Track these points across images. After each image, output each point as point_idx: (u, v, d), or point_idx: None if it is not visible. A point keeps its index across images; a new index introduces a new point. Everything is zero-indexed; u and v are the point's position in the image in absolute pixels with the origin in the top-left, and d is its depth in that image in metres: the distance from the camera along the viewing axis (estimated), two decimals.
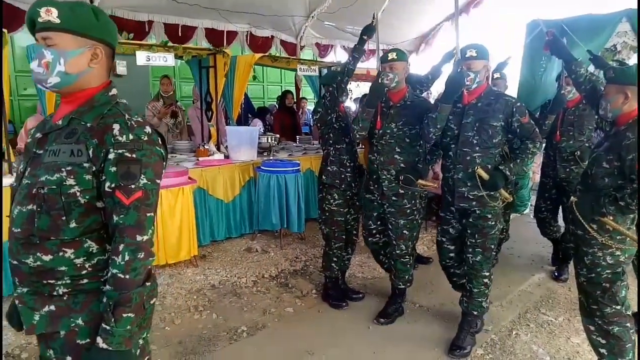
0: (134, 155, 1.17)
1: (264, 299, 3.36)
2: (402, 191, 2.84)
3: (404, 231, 2.91)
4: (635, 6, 5.06)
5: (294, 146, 5.66)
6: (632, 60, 4.80)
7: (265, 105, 9.13)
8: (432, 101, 3.46)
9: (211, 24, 6.16)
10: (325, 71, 5.98)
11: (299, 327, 2.98)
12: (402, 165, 2.81)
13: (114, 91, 1.29)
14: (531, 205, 5.12)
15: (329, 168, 3.17)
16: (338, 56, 7.71)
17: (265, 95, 10.03)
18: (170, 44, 4.49)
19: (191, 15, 5.89)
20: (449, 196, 2.66)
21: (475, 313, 2.72)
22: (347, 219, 3.22)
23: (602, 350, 2.29)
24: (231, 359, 2.64)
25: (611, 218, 2.13)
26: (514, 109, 2.49)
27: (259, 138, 4.85)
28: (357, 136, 2.84)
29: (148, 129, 1.23)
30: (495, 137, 2.51)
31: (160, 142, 1.27)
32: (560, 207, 3.82)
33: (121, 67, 8.03)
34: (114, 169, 1.16)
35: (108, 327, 1.15)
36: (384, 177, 2.84)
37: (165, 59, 4.25)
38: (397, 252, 2.96)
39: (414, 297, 3.35)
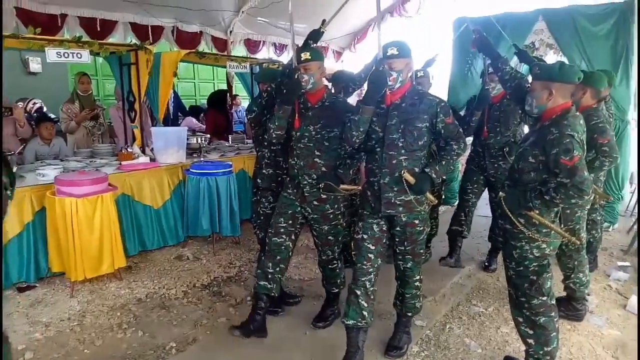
0: None
1: (195, 311, 3.17)
2: (324, 196, 2.70)
3: (329, 237, 2.81)
4: (550, 6, 5.39)
5: (226, 146, 5.44)
6: (549, 57, 5.09)
7: (198, 104, 8.80)
8: None
9: (133, 18, 5.78)
10: (257, 68, 5.82)
11: (233, 338, 2.81)
12: (323, 169, 2.66)
13: None
14: None
15: (264, 171, 3.04)
16: (269, 53, 7.56)
17: (197, 93, 9.68)
18: (85, 38, 4.13)
19: (109, 9, 5.49)
20: (374, 203, 2.48)
21: (409, 314, 2.70)
22: None
23: (530, 341, 2.36)
24: None
25: (537, 212, 2.18)
26: (438, 109, 2.39)
27: (187, 139, 4.61)
28: (274, 135, 2.68)
29: None
30: (420, 139, 2.39)
31: None
32: (489, 202, 3.93)
33: (35, 65, 7.41)
34: None
35: None
36: (305, 182, 2.69)
37: (80, 56, 3.89)
38: (324, 258, 2.89)
39: None
